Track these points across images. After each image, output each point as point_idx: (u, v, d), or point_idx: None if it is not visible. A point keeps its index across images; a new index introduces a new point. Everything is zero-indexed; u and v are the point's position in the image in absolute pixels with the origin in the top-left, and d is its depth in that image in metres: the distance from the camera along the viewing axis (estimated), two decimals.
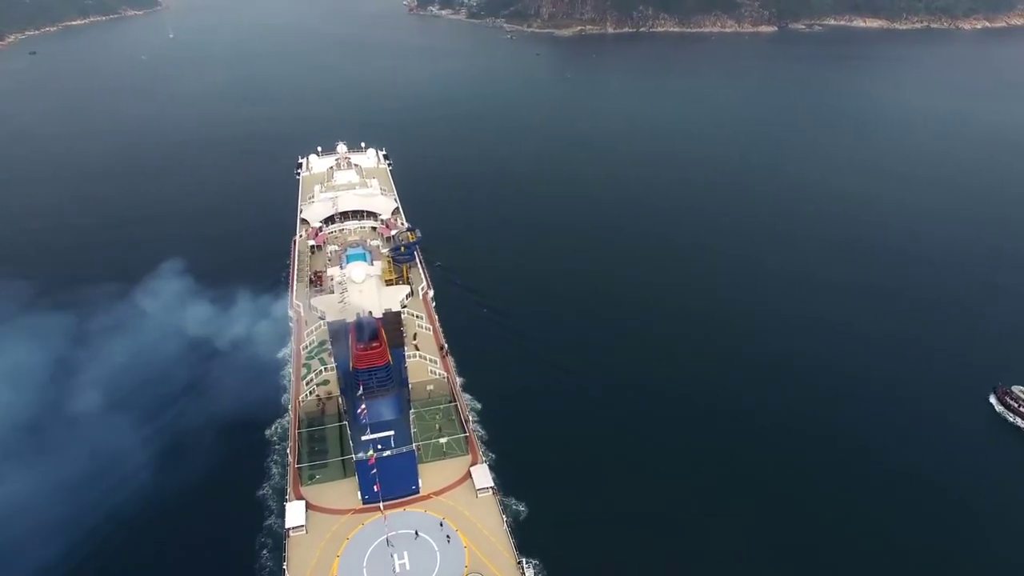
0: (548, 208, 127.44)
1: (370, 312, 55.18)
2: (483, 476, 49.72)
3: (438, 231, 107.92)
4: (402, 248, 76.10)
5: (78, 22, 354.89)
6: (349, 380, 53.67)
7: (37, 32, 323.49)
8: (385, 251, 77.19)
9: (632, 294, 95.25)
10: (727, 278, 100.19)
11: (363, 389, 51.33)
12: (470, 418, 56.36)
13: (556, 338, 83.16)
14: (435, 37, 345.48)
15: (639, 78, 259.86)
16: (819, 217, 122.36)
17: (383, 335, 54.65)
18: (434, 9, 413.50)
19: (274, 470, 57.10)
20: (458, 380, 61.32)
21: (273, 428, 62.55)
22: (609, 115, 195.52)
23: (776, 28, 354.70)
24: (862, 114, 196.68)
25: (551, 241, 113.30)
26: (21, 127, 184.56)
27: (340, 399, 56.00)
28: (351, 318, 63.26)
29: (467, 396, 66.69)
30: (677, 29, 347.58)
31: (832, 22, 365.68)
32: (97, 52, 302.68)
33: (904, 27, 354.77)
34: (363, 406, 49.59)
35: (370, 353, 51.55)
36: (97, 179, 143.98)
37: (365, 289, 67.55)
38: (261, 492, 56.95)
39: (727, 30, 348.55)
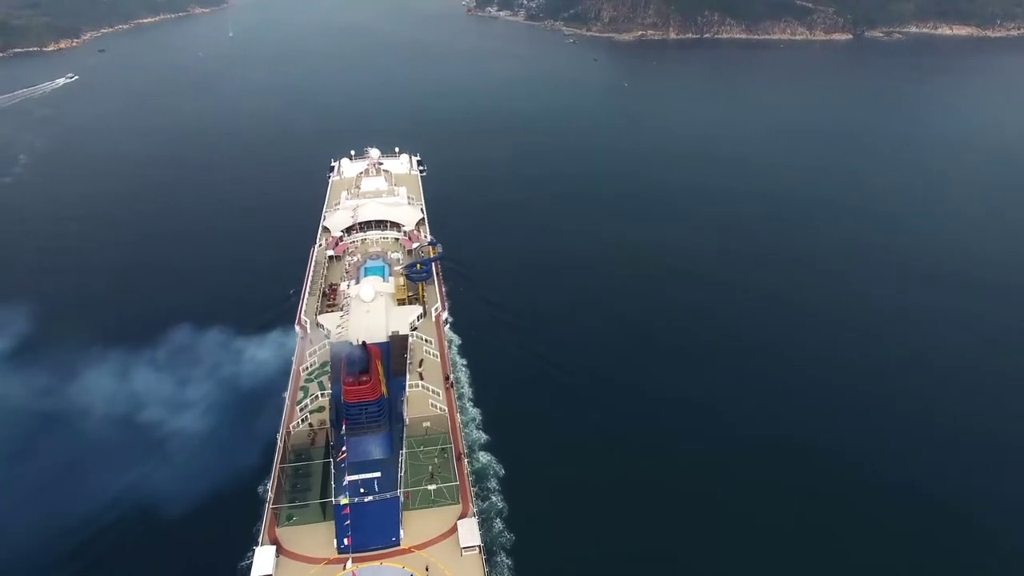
0: (596, 227, 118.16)
1: (363, 343, 51.22)
2: (470, 532, 44.96)
3: (470, 246, 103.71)
4: (418, 266, 72.28)
5: (149, 20, 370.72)
6: (339, 412, 50.19)
7: (111, 30, 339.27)
8: (399, 268, 73.45)
9: (703, 334, 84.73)
10: (807, 308, 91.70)
11: (346, 427, 47.72)
12: (465, 461, 51.48)
13: (608, 382, 73.22)
14: (491, 39, 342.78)
15: (700, 88, 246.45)
16: (900, 248, 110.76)
17: (377, 367, 51.00)
18: (492, 10, 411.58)
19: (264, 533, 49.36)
20: (459, 416, 56.66)
21: (267, 485, 51.96)
22: (665, 128, 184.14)
23: (851, 36, 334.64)
24: (952, 135, 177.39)
25: (600, 264, 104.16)
26: (75, 125, 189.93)
27: (329, 431, 52.40)
28: (355, 340, 60.22)
29: (489, 456, 60.79)
30: (743, 36, 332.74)
31: (914, 29, 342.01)
32: (160, 49, 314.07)
33: (997, 35, 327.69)
34: (343, 448, 45.86)
35: (359, 388, 47.83)
36: (139, 174, 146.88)
37: (373, 309, 64.13)
38: (244, 563, 46.95)
39: (797, 38, 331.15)
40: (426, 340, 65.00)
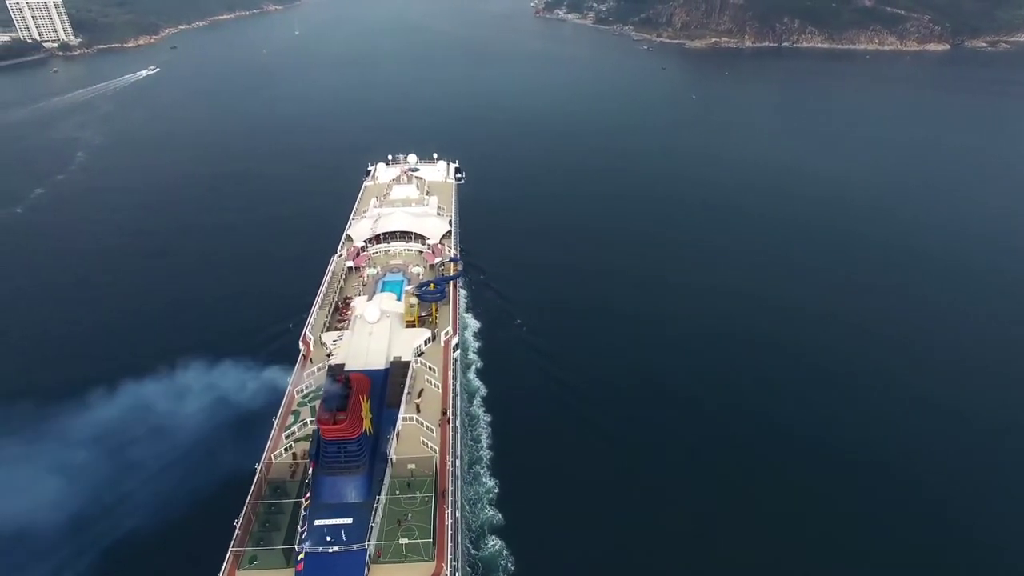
0: (652, 253, 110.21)
1: (346, 376, 47.33)
2: None
3: (506, 265, 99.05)
4: (431, 285, 68.17)
5: (224, 17, 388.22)
6: (319, 446, 46.64)
7: (188, 26, 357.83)
8: (410, 287, 69.63)
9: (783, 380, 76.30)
10: (895, 351, 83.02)
11: (320, 466, 44.11)
12: (448, 512, 46.78)
13: (668, 455, 63.69)
14: (556, 42, 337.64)
15: (775, 104, 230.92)
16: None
17: (360, 402, 47.00)
18: (561, 12, 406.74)
19: None
20: (449, 459, 51.90)
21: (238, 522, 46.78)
22: (732, 150, 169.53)
23: (948, 46, 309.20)
24: None
25: (658, 297, 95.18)
26: (133, 122, 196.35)
27: (308, 464, 48.88)
28: (352, 364, 56.81)
29: (499, 543, 53.84)
30: (825, 45, 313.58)
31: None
32: (227, 47, 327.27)
33: None
34: (307, 494, 42.19)
35: (334, 428, 43.98)
36: (182, 174, 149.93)
37: (376, 332, 60.48)
38: None
39: (885, 48, 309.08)
40: (430, 368, 60.69)
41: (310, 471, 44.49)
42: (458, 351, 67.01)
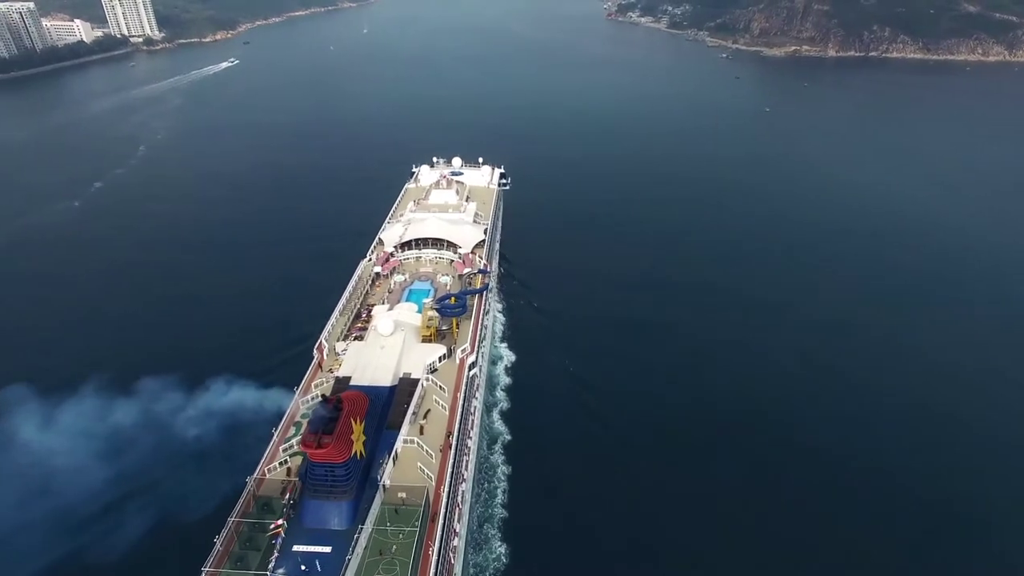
0: (707, 277, 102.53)
1: (337, 397, 44.83)
2: None
3: (549, 278, 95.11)
4: (452, 299, 65.14)
5: (300, 13, 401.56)
6: (306, 467, 44.50)
7: (265, 22, 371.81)
8: (429, 300, 66.82)
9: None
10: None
11: (304, 488, 42.01)
12: (434, 549, 43.43)
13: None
14: (626, 47, 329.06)
15: (859, 121, 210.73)
16: None
17: (351, 424, 44.46)
18: (634, 16, 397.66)
19: None
20: (444, 489, 48.48)
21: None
22: (806, 176, 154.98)
23: None
24: None
25: (717, 324, 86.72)
26: (200, 116, 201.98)
27: (296, 484, 46.76)
28: (358, 378, 54.69)
29: None
30: (919, 56, 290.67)
31: None
32: (298, 42, 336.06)
33: None
34: (279, 521, 39.88)
35: (319, 451, 41.56)
36: (234, 171, 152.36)
37: (388, 345, 57.93)
38: None
39: (989, 59, 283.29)
40: (440, 387, 57.58)
41: (288, 494, 42.28)
42: (475, 370, 63.63)
